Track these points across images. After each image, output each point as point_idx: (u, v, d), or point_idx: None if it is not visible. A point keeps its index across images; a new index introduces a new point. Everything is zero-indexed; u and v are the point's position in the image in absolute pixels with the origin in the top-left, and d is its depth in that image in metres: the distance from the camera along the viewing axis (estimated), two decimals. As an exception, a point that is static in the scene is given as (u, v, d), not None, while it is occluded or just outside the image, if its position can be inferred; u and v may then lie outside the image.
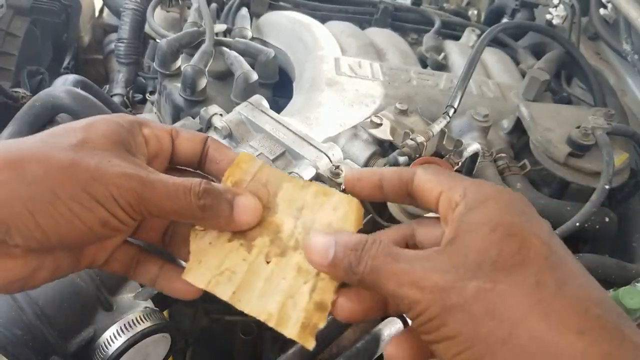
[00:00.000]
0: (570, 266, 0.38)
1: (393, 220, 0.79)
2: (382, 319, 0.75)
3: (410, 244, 0.48)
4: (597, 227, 0.91)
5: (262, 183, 0.49)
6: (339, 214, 0.47)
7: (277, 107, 1.00)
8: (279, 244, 0.46)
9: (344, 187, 0.49)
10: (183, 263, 0.50)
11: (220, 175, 0.50)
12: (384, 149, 0.93)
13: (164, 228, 0.51)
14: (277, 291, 0.44)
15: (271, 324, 0.43)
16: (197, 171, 0.52)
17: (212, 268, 0.45)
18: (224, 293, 0.44)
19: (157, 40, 1.25)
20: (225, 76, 1.18)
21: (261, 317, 0.43)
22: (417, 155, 0.84)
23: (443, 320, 0.36)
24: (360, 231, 0.46)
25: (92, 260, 0.48)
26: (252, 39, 1.28)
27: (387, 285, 0.39)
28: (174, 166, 0.52)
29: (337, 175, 0.77)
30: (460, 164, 0.83)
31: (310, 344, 0.42)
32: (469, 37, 1.45)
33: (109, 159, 0.42)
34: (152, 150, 0.48)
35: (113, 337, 0.63)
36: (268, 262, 0.45)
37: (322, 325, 0.43)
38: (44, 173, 0.39)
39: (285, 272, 0.45)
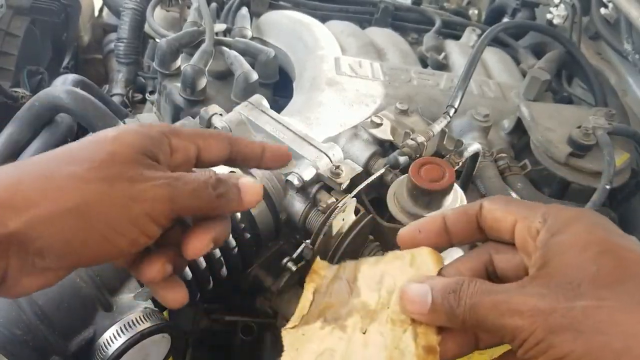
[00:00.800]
0: None
1: (393, 220, 0.79)
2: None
3: (490, 271, 0.48)
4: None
5: (342, 279, 0.51)
6: (416, 267, 0.48)
7: (277, 106, 1.00)
8: (370, 314, 0.47)
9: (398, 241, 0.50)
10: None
11: (251, 166, 0.54)
12: (384, 148, 0.93)
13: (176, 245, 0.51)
14: (380, 349, 0.44)
15: None
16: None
17: (312, 352, 0.46)
18: None
19: (157, 40, 1.25)
20: (225, 76, 1.18)
21: None
22: (418, 155, 0.84)
23: (550, 343, 0.36)
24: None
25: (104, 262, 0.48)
26: (252, 38, 1.28)
27: (488, 320, 0.39)
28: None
29: (338, 175, 0.77)
30: (460, 164, 0.83)
31: None
32: (470, 36, 1.45)
33: (140, 173, 0.42)
34: (177, 162, 0.48)
35: (113, 337, 0.63)
36: (364, 333, 0.46)
37: None
38: (77, 201, 0.39)
39: (381, 330, 0.45)
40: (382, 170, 0.84)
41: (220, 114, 0.84)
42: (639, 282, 0.37)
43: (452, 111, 0.94)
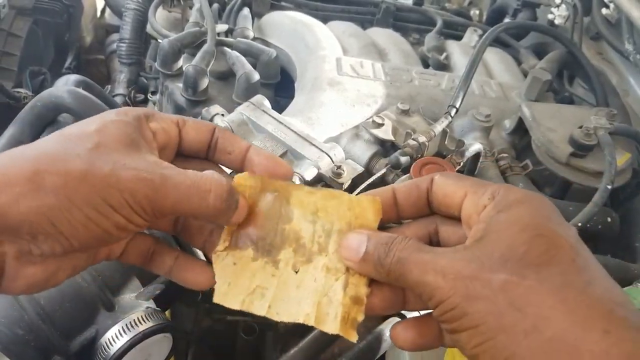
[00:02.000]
0: (594, 269, 0.38)
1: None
2: (384, 319, 0.75)
3: (434, 241, 0.48)
4: (599, 227, 0.91)
5: (271, 195, 0.49)
6: (355, 213, 0.48)
7: (279, 107, 1.00)
8: (303, 252, 0.47)
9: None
10: (198, 252, 0.52)
11: (232, 165, 0.51)
12: (385, 149, 0.93)
13: (175, 218, 0.52)
14: (311, 293, 0.45)
15: (311, 323, 0.44)
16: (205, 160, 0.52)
17: (243, 288, 0.46)
18: (259, 309, 0.45)
19: (159, 41, 1.26)
20: (227, 76, 1.18)
21: (299, 320, 0.44)
22: (419, 155, 0.84)
23: (465, 310, 0.37)
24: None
25: (108, 255, 0.49)
26: (254, 39, 1.28)
27: (411, 274, 0.40)
28: (180, 155, 0.52)
29: (339, 175, 0.77)
30: (462, 164, 0.83)
31: (354, 337, 0.43)
32: (471, 37, 1.45)
33: (123, 162, 0.42)
34: (161, 143, 0.48)
35: (115, 337, 0.63)
36: (297, 272, 0.46)
37: (360, 318, 0.44)
38: (61, 183, 0.39)
39: (315, 275, 0.46)
40: (384, 170, 0.84)
41: (222, 114, 0.84)
42: (563, 269, 0.37)
43: (453, 111, 0.94)
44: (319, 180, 0.78)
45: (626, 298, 0.38)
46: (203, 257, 0.53)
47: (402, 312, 0.55)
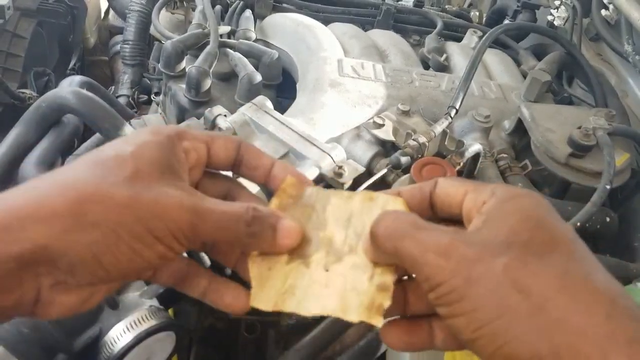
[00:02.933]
0: (593, 263, 0.39)
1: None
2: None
3: None
4: (598, 226, 0.92)
5: (310, 204, 0.50)
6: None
7: (281, 108, 1.01)
8: (334, 253, 0.47)
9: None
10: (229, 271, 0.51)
11: (257, 180, 0.51)
12: (386, 149, 0.94)
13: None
14: (337, 289, 0.45)
15: (337, 315, 0.43)
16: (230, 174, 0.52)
17: (276, 290, 0.46)
18: (289, 308, 0.45)
19: (162, 42, 1.26)
20: (229, 77, 1.19)
21: (326, 312, 0.44)
22: (419, 156, 0.85)
23: (465, 293, 0.36)
24: None
25: (139, 277, 0.48)
26: (256, 40, 1.29)
27: (407, 249, 0.39)
28: (207, 170, 0.51)
29: (340, 175, 0.78)
30: (462, 164, 0.83)
31: (379, 322, 0.42)
32: (471, 38, 1.45)
33: (165, 190, 0.42)
34: (191, 163, 0.48)
35: (119, 335, 0.64)
36: (327, 271, 0.46)
37: (387, 304, 0.43)
38: (104, 215, 0.39)
39: (344, 272, 0.46)
40: (385, 171, 0.85)
41: (225, 115, 0.85)
42: (566, 259, 0.37)
43: (453, 112, 0.95)
44: (320, 180, 0.78)
45: (624, 290, 0.38)
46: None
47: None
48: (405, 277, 0.47)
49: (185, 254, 0.50)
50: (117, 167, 0.42)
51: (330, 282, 0.46)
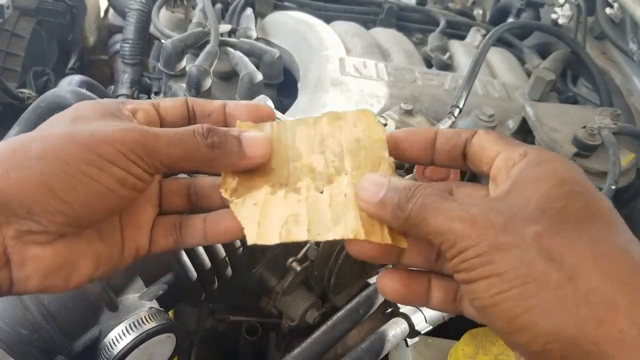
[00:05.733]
0: (631, 235, 0.37)
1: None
2: (387, 320, 0.75)
3: None
4: (604, 227, 0.91)
5: (275, 139, 0.48)
6: (361, 127, 0.48)
7: (282, 107, 1.00)
8: (321, 177, 0.46)
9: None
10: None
11: (218, 126, 0.49)
12: (389, 149, 0.93)
13: (186, 190, 0.50)
14: (347, 208, 0.43)
15: (362, 237, 0.42)
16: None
17: (274, 222, 0.43)
18: (299, 236, 0.43)
19: (162, 41, 1.26)
20: (230, 76, 1.18)
21: (349, 236, 0.42)
22: (422, 156, 0.84)
23: (491, 258, 0.35)
24: None
25: (136, 247, 0.47)
26: (257, 39, 1.28)
27: (435, 221, 0.38)
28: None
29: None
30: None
31: (404, 244, 0.42)
32: (474, 36, 1.44)
33: (104, 124, 0.41)
34: (141, 120, 0.47)
35: (118, 337, 0.63)
36: (321, 192, 0.45)
37: None
38: (48, 147, 0.38)
39: (343, 191, 0.44)
40: (387, 171, 0.84)
41: (225, 115, 0.84)
42: (605, 226, 0.35)
43: (456, 111, 0.94)
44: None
45: None
46: None
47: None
48: None
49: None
50: (57, 120, 0.42)
51: (332, 200, 0.44)
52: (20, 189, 0.36)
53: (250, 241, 0.42)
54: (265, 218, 0.44)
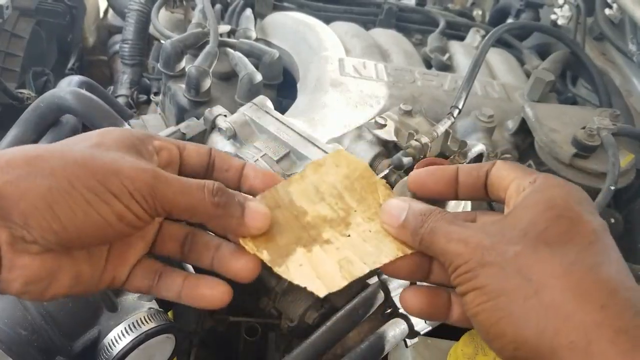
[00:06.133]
0: (612, 256, 0.40)
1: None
2: (387, 320, 0.75)
3: None
4: (603, 228, 0.91)
5: (276, 208, 0.50)
6: (343, 165, 0.54)
7: (281, 108, 1.00)
8: (337, 223, 0.50)
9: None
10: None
11: (230, 183, 0.51)
12: (388, 149, 0.93)
13: (182, 238, 0.51)
14: (380, 237, 0.49)
15: (408, 252, 0.47)
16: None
17: (331, 271, 0.47)
18: (360, 271, 0.47)
19: (162, 42, 1.26)
20: (229, 77, 1.18)
21: (399, 254, 0.47)
22: (422, 156, 0.84)
23: (476, 273, 0.40)
24: None
25: (114, 276, 0.48)
26: (257, 39, 1.28)
27: (438, 243, 0.43)
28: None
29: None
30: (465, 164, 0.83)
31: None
32: (474, 37, 1.44)
33: (122, 156, 0.43)
34: (163, 160, 0.48)
35: (118, 338, 0.63)
36: (349, 236, 0.49)
37: None
38: (61, 166, 0.39)
39: (365, 227, 0.50)
40: (386, 171, 0.84)
41: (225, 115, 0.84)
42: (579, 249, 0.39)
43: (456, 112, 0.94)
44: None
45: (636, 287, 0.39)
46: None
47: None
48: None
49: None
50: (82, 139, 0.44)
51: (365, 237, 0.49)
52: (23, 199, 0.38)
53: (321, 294, 0.45)
54: (319, 271, 0.47)
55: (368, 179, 0.53)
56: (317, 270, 0.47)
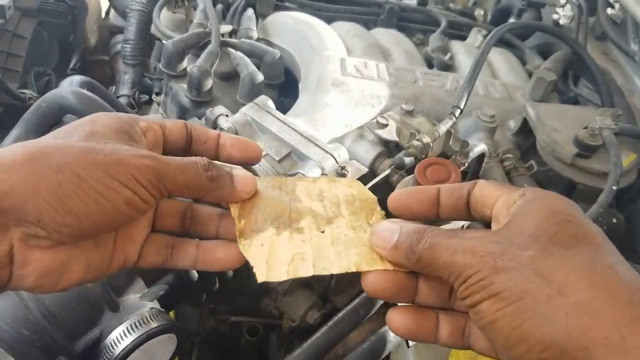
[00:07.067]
0: (619, 257, 0.40)
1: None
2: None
3: None
4: (605, 228, 0.91)
5: (276, 188, 0.54)
6: (355, 189, 0.55)
7: (283, 107, 1.00)
8: (320, 217, 0.51)
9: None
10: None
11: (209, 153, 0.54)
12: (390, 149, 0.93)
13: (181, 213, 0.54)
14: (349, 245, 0.48)
15: (364, 269, 0.46)
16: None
17: (282, 261, 0.47)
18: (305, 272, 0.46)
19: (163, 41, 1.26)
20: (231, 77, 1.18)
21: (352, 269, 0.46)
22: (423, 156, 0.84)
23: (491, 280, 0.39)
24: None
25: (125, 257, 0.49)
26: (258, 39, 1.28)
27: (441, 257, 0.42)
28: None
29: (343, 175, 0.77)
30: (466, 164, 0.83)
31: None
32: (475, 37, 1.44)
33: (119, 144, 0.44)
34: (150, 141, 0.50)
35: (120, 338, 0.63)
36: (323, 232, 0.50)
37: None
38: (67, 160, 0.40)
39: (343, 232, 0.50)
40: (388, 171, 0.84)
41: (226, 115, 0.84)
42: (592, 250, 0.39)
43: (457, 112, 0.94)
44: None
45: None
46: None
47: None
48: None
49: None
50: (74, 130, 0.45)
51: (335, 239, 0.49)
52: (35, 192, 0.39)
53: (260, 279, 0.46)
54: (272, 257, 0.48)
55: (370, 205, 0.54)
56: (271, 255, 0.47)
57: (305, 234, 0.49)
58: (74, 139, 0.43)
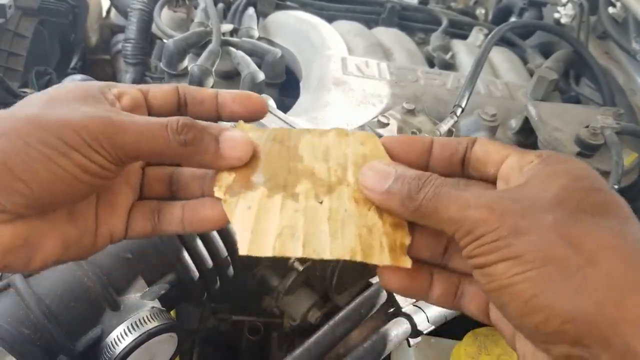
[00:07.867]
0: None
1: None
2: (389, 320, 0.74)
3: None
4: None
5: (277, 139, 0.46)
6: (369, 147, 0.46)
7: (284, 107, 1.00)
8: (321, 183, 0.44)
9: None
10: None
11: (209, 115, 0.48)
12: (391, 148, 0.93)
13: (167, 178, 0.49)
14: (348, 223, 0.41)
15: (359, 259, 0.40)
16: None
17: (269, 232, 0.41)
18: (294, 251, 0.40)
19: (164, 41, 1.26)
20: (232, 76, 1.18)
21: (346, 257, 0.40)
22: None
23: (510, 241, 0.35)
24: None
25: (111, 232, 0.46)
26: (259, 38, 1.28)
27: (448, 210, 0.37)
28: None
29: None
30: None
31: (408, 263, 0.40)
32: (477, 36, 1.44)
33: (77, 107, 0.40)
34: (126, 106, 0.45)
35: (120, 337, 0.63)
36: (321, 202, 0.43)
37: (407, 242, 0.41)
38: (12, 126, 0.37)
39: (344, 206, 0.42)
40: (389, 170, 0.84)
41: (227, 114, 0.84)
42: (622, 220, 0.35)
43: (459, 111, 0.94)
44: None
45: None
46: None
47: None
48: None
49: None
50: (34, 98, 0.41)
51: (332, 215, 0.42)
52: None
53: (242, 251, 0.40)
54: (259, 225, 0.41)
55: None
56: (257, 223, 0.41)
57: (300, 202, 0.42)
58: (30, 104, 0.40)
